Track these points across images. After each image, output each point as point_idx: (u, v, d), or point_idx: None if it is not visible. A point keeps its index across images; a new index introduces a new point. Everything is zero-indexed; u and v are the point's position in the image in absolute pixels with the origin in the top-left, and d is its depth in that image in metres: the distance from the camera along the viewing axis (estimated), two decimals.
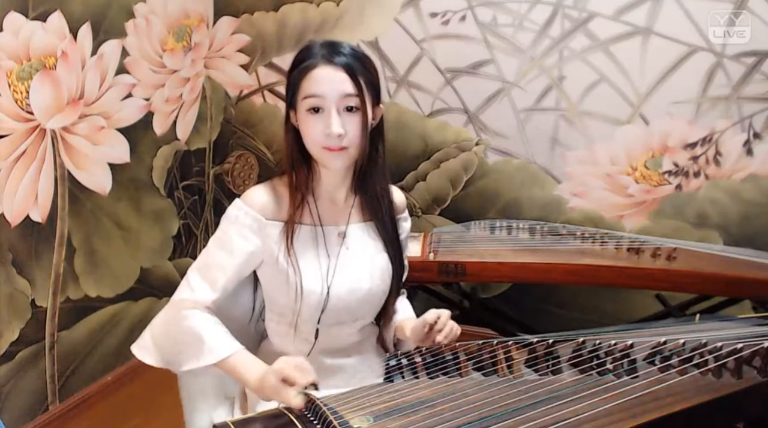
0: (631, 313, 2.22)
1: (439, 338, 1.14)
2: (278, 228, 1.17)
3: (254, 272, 1.22)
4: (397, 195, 1.31)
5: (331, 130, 1.08)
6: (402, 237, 1.30)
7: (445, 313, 1.15)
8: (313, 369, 0.98)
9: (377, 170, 1.20)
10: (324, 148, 1.11)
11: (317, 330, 1.20)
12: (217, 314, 1.14)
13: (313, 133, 1.11)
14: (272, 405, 1.02)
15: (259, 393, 1.02)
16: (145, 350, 1.14)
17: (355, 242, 1.22)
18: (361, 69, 1.11)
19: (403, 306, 1.37)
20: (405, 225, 1.32)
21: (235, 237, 1.15)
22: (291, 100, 1.14)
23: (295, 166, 1.17)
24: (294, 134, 1.16)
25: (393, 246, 1.25)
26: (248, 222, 1.15)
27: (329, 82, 1.08)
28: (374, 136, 1.18)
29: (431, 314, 1.15)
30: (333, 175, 1.19)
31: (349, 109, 1.10)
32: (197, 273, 1.16)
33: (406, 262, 1.34)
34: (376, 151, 1.19)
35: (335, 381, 1.21)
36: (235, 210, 1.17)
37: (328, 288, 1.18)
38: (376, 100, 1.15)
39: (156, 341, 1.14)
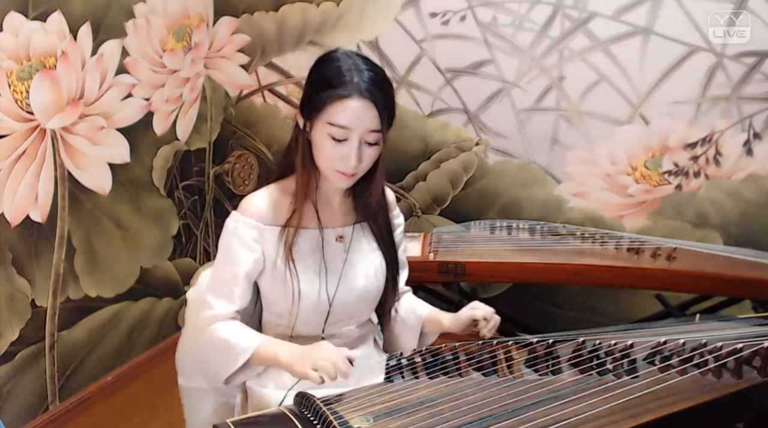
0: (631, 313, 2.22)
1: (486, 333, 1.20)
2: (276, 233, 1.18)
3: None
4: (387, 193, 1.31)
5: (351, 163, 1.10)
6: (396, 233, 1.32)
7: (490, 310, 1.21)
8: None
9: (372, 174, 1.20)
10: (337, 170, 1.13)
11: (322, 338, 1.21)
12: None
13: (330, 156, 1.12)
14: (273, 404, 1.03)
15: (294, 366, 1.04)
16: (190, 378, 1.20)
17: (351, 242, 1.24)
18: (388, 102, 1.11)
19: (419, 302, 1.38)
20: (398, 221, 1.34)
21: (238, 248, 1.17)
22: (310, 113, 1.12)
23: (306, 170, 1.18)
24: (305, 141, 1.16)
25: (387, 244, 1.27)
26: (248, 231, 1.17)
27: (359, 117, 1.08)
28: None
29: (481, 310, 1.21)
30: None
31: (370, 142, 1.12)
32: (211, 292, 1.18)
33: (404, 258, 1.36)
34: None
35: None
36: (233, 222, 1.18)
37: (333, 293, 1.19)
38: (389, 126, 1.16)
39: (195, 365, 1.18)
